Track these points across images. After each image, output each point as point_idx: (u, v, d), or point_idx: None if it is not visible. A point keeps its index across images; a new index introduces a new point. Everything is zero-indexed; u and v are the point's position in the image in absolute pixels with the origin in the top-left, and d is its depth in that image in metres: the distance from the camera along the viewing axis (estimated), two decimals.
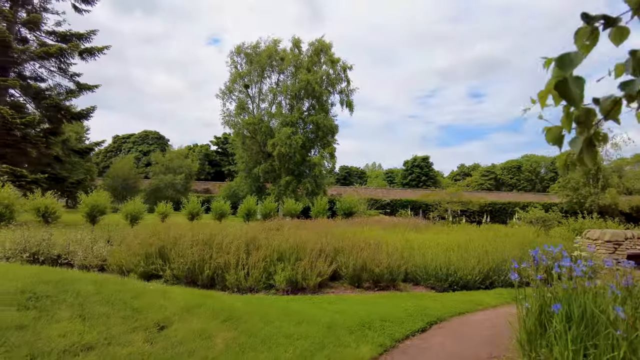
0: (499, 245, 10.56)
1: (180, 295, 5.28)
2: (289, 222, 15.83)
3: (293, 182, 27.46)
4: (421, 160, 77.28)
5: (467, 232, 14.14)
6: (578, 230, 14.00)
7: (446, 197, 25.60)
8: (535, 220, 19.95)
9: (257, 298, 6.48)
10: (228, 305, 5.06)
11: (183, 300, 5.00)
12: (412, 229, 15.96)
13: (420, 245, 10.70)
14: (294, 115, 28.12)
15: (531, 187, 73.86)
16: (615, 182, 22.93)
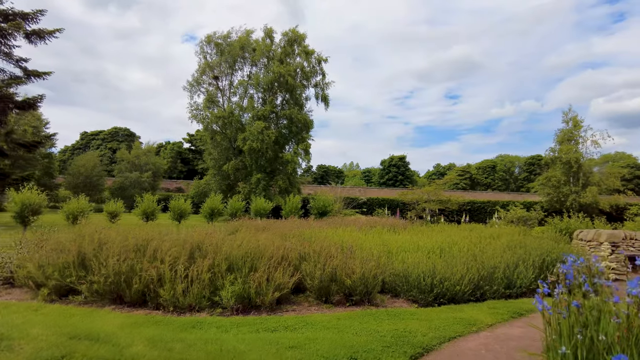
0: (487, 248, 9.42)
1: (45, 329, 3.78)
2: (256, 223, 14.37)
3: (265, 179, 25.94)
4: (398, 160, 77.14)
5: (449, 233, 13.03)
6: (564, 230, 13.10)
7: (424, 196, 24.63)
8: (516, 220, 19.16)
9: (184, 324, 5.02)
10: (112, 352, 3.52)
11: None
12: (390, 230, 14.76)
13: (399, 249, 9.47)
14: (266, 109, 26.59)
15: (505, 186, 74.61)
16: (595, 180, 22.46)
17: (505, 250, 8.65)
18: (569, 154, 22.37)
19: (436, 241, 10.70)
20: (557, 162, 23.44)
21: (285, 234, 11.14)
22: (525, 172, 73.13)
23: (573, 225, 13.07)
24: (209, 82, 29.93)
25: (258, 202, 18.17)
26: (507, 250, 8.57)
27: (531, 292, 7.27)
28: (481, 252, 8.52)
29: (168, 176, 61.41)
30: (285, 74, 26.27)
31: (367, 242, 9.88)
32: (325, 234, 11.46)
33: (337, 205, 24.44)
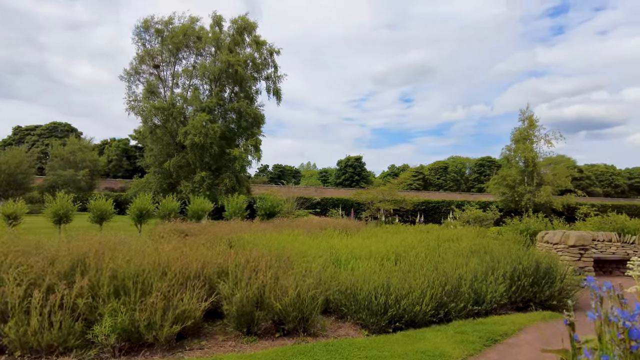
0: (447, 253, 8.27)
1: None
2: (188, 226, 12.54)
3: (210, 178, 23.91)
4: (354, 160, 76.96)
5: (404, 235, 11.91)
6: (525, 231, 12.35)
7: (379, 196, 23.65)
8: (472, 220, 18.53)
9: None
10: None
11: None
12: (341, 232, 13.46)
13: (349, 256, 8.12)
14: (212, 101, 24.55)
15: (456, 187, 76.35)
16: (549, 180, 22.44)
17: (469, 256, 7.51)
18: (525, 153, 22.23)
19: (391, 245, 9.47)
20: (513, 161, 23.30)
21: (216, 240, 9.50)
22: (475, 173, 75.14)
23: (533, 226, 12.35)
24: (150, 71, 27.41)
25: (196, 202, 16.28)
26: (472, 257, 7.43)
27: (502, 308, 6.12)
28: (442, 259, 7.33)
29: (113, 175, 57.36)
30: (235, 64, 24.37)
31: (312, 249, 8.44)
32: (267, 238, 9.92)
33: (288, 205, 22.94)
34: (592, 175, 65.47)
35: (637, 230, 11.21)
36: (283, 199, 24.53)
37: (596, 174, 68.12)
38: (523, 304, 6.34)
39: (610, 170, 71.83)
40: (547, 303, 6.27)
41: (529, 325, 5.43)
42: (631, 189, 69.35)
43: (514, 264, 6.49)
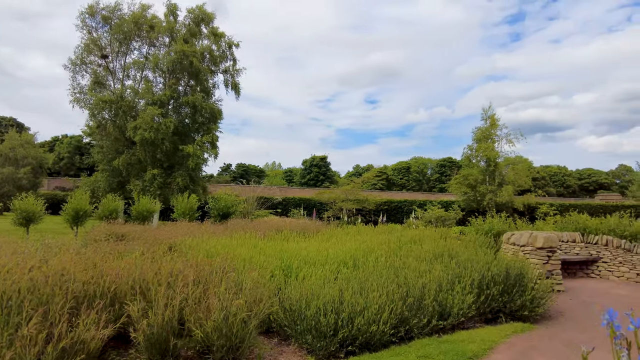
0: (409, 257, 7.56)
1: None
2: (128, 228, 11.24)
3: (161, 176, 22.33)
4: (319, 160, 76.39)
5: (365, 237, 11.18)
6: (488, 231, 11.94)
7: (341, 195, 22.96)
8: (434, 220, 18.15)
9: None
10: None
11: None
12: (299, 234, 12.58)
13: (303, 262, 7.26)
14: (166, 94, 22.96)
15: (419, 187, 77.39)
16: (510, 179, 22.52)
17: (433, 261, 6.81)
18: (487, 152, 22.20)
19: (350, 248, 8.69)
20: (475, 160, 23.25)
21: (155, 245, 8.38)
22: (437, 173, 76.43)
23: (497, 227, 11.96)
24: (98, 62, 25.38)
25: (142, 202, 14.88)
26: (436, 262, 6.74)
27: (469, 321, 5.42)
28: (403, 264, 6.59)
29: (64, 173, 53.82)
30: (190, 55, 22.89)
31: (262, 254, 7.52)
32: (212, 242, 8.88)
33: (247, 205, 21.84)
34: (546, 176, 68.11)
35: (598, 230, 11.02)
36: (240, 199, 23.39)
37: (550, 174, 70.96)
38: (492, 315, 5.68)
39: (562, 171, 75.09)
40: (518, 314, 5.64)
41: (501, 342, 4.75)
42: (581, 189, 72.73)
43: (482, 270, 5.82)
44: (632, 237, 10.87)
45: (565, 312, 6.32)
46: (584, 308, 6.64)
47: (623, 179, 72.28)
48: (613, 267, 9.42)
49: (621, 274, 9.27)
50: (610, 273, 9.45)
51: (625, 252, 9.29)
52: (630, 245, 9.24)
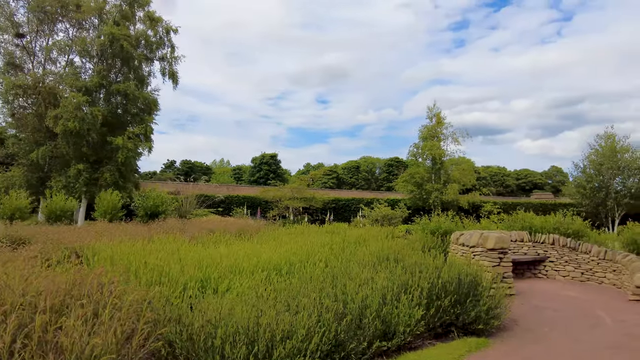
0: (352, 261, 6.70)
1: None
2: (31, 231, 9.51)
3: (88, 172, 20.09)
4: (269, 158, 74.82)
5: (308, 237, 10.25)
6: (435, 230, 11.44)
7: (288, 193, 21.93)
8: (381, 218, 17.64)
9: None
10: None
11: None
12: (237, 235, 11.42)
13: (228, 270, 6.15)
14: (93, 81, 20.68)
15: (368, 185, 78.19)
16: (456, 177, 22.61)
17: (377, 266, 5.97)
18: (433, 150, 22.13)
19: (288, 251, 7.70)
20: (422, 159, 23.15)
21: (57, 250, 6.96)
22: (385, 172, 77.61)
23: (444, 226, 11.50)
24: (14, 42, 22.47)
25: (55, 200, 12.98)
26: (380, 267, 5.90)
27: (417, 338, 4.60)
28: (344, 271, 5.69)
29: None
30: (121, 39, 20.75)
31: (177, 263, 6.33)
32: (125, 247, 7.53)
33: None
34: (487, 176, 71.23)
35: (543, 228, 10.85)
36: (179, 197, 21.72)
37: (491, 174, 74.31)
38: (443, 330, 4.91)
39: (502, 171, 78.87)
40: (472, 327, 4.91)
41: None
42: (519, 188, 76.81)
43: (432, 277, 5.04)
44: (575, 235, 10.80)
45: (520, 320, 5.72)
46: (537, 314, 6.10)
47: (555, 180, 77.04)
48: (559, 266, 9.16)
49: (567, 274, 9.02)
50: (556, 273, 9.19)
51: (571, 251, 9.06)
52: (575, 244, 9.01)
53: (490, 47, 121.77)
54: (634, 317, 6.05)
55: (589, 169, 21.83)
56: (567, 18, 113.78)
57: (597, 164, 21.28)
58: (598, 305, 6.66)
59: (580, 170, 22.33)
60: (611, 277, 8.31)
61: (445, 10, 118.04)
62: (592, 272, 8.65)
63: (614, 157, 20.64)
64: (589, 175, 21.65)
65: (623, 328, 5.49)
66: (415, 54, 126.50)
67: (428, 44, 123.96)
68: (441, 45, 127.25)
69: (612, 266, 8.30)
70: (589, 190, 21.46)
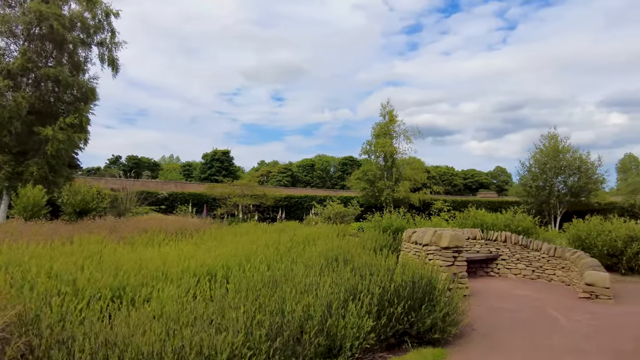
0: (298, 261, 6.03)
1: None
2: None
3: (11, 164, 17.99)
4: (222, 154, 72.53)
5: (253, 236, 9.47)
6: (387, 228, 11.04)
7: (236, 190, 20.91)
8: (334, 216, 17.15)
9: None
10: None
11: None
12: (175, 235, 10.42)
13: (150, 277, 5.28)
14: (17, 63, 18.52)
15: (322, 184, 78.14)
16: (407, 175, 22.60)
17: (325, 269, 5.34)
18: (385, 148, 21.96)
19: (226, 253, 6.89)
20: (374, 156, 22.96)
21: None
22: (339, 171, 77.86)
23: (396, 223, 11.14)
24: None
25: None
26: (328, 269, 5.27)
27: (367, 352, 3.99)
28: (287, 274, 5.00)
29: None
30: (51, 18, 18.75)
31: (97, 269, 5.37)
32: (30, 250, 6.40)
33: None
34: (436, 175, 73.42)
35: (495, 226, 10.78)
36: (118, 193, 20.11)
37: (440, 174, 76.67)
38: (396, 339, 4.35)
39: (450, 171, 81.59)
40: (428, 336, 4.39)
41: None
42: (466, 187, 79.86)
43: (384, 281, 4.48)
44: (524, 232, 10.80)
45: (477, 324, 5.31)
46: (494, 317, 5.74)
47: (499, 179, 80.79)
48: (511, 264, 9.02)
49: (518, 271, 8.89)
50: (508, 271, 9.04)
51: (522, 249, 8.94)
52: (527, 241, 8.90)
53: (441, 51, 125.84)
54: (586, 316, 5.85)
55: (534, 168, 22.65)
56: (512, 27, 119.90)
57: (541, 163, 22.11)
58: (551, 305, 6.44)
59: (526, 169, 23.16)
60: (560, 274, 8.24)
61: (399, 14, 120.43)
62: (543, 269, 8.56)
63: (556, 156, 21.54)
64: (534, 174, 22.46)
65: (579, 329, 5.23)
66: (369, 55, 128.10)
67: (382, 46, 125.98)
68: (395, 48, 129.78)
69: (562, 263, 8.23)
70: (534, 188, 22.26)
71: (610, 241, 9.19)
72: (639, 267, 9.03)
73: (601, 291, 6.69)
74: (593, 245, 9.41)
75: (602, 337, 4.95)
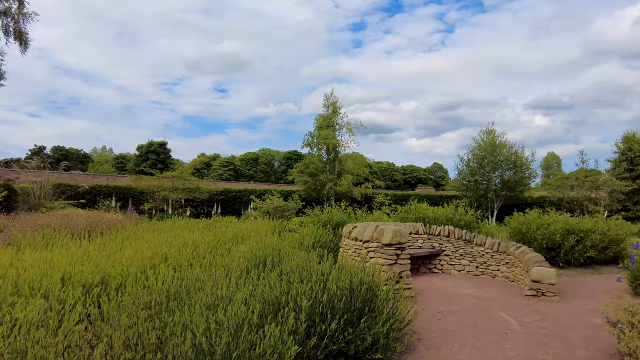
0: (217, 266, 5.01)
1: None
2: None
3: None
4: (158, 146, 68.28)
5: (175, 234, 8.23)
6: (327, 223, 10.28)
7: (166, 183, 19.16)
8: (273, 211, 16.15)
9: None
10: None
11: None
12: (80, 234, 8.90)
13: (18, 291, 3.99)
14: None
15: (267, 178, 76.59)
16: (350, 168, 22.07)
17: (246, 274, 4.37)
18: (328, 140, 21.25)
19: (131, 256, 5.69)
20: (316, 148, 22.18)
21: None
22: (284, 165, 76.72)
23: (337, 217, 10.39)
24: None
25: None
26: (252, 273, 4.30)
27: None
28: (197, 286, 3.97)
29: None
30: None
31: None
32: None
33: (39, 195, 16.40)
34: (378, 170, 74.73)
35: (437, 220, 10.38)
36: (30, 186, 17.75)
37: (381, 169, 78.18)
38: None
39: (391, 167, 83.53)
40: (368, 356, 3.58)
41: None
42: (405, 182, 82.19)
43: (316, 289, 3.59)
44: (467, 226, 10.53)
45: (423, 333, 4.62)
46: (441, 323, 5.10)
47: (436, 175, 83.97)
48: (455, 260, 8.59)
49: (462, 268, 8.48)
50: (452, 267, 8.60)
51: (466, 244, 8.53)
52: (470, 236, 8.51)
53: (384, 50, 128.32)
54: (536, 316, 5.41)
55: (472, 163, 23.10)
56: (450, 30, 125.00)
57: (479, 158, 22.58)
58: (499, 305, 5.96)
59: (465, 163, 23.58)
60: (504, 270, 7.91)
61: (344, 11, 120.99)
62: (487, 265, 8.19)
63: (494, 151, 22.09)
64: (473, 168, 22.92)
65: (532, 335, 4.73)
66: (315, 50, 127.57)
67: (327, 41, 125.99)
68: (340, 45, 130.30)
69: (506, 258, 7.90)
70: (472, 182, 22.72)
71: (549, 234, 9.07)
72: (575, 259, 8.99)
73: (547, 288, 6.34)
74: (533, 239, 9.26)
75: (555, 343, 4.46)
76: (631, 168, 21.04)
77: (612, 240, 9.13)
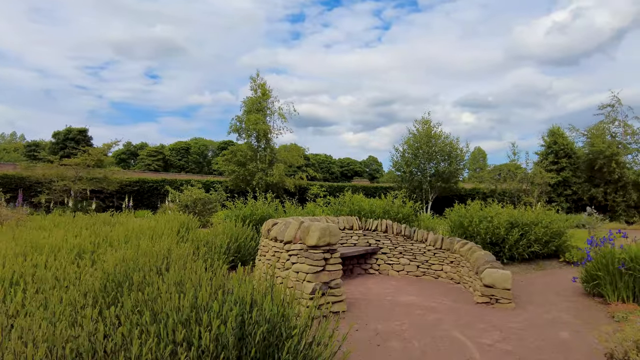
0: (73, 290, 3.30)
1: None
2: None
3: None
4: (77, 133, 61.39)
5: (58, 235, 6.24)
6: (249, 217, 8.75)
7: (68, 172, 16.37)
8: (192, 204, 14.24)
9: None
10: None
11: None
12: None
13: None
14: None
15: (199, 169, 72.72)
16: (282, 157, 20.50)
17: (109, 298, 2.74)
18: (258, 125, 19.49)
19: None
20: (245, 134, 20.31)
21: None
22: (217, 155, 73.31)
23: (260, 211, 8.88)
24: None
25: None
26: (115, 300, 2.68)
27: None
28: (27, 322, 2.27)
29: None
30: None
31: None
32: None
33: None
34: (315, 162, 74.02)
35: (373, 213, 9.27)
36: None
37: (319, 161, 77.62)
38: None
39: (328, 159, 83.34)
40: None
41: None
42: (342, 175, 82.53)
43: (192, 327, 2.10)
44: (405, 220, 9.55)
45: None
46: (380, 353, 3.83)
47: (371, 168, 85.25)
48: (393, 258, 7.49)
49: (401, 267, 7.41)
50: (390, 267, 7.50)
51: (406, 240, 7.47)
52: (410, 231, 7.45)
53: (322, 43, 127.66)
54: (495, 335, 4.33)
55: (407, 153, 22.66)
56: (386, 27, 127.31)
57: (414, 149, 22.17)
58: (450, 319, 4.86)
59: (400, 154, 23.09)
60: (448, 270, 6.93)
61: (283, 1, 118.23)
62: (429, 264, 7.18)
63: (429, 142, 21.76)
64: (407, 159, 22.47)
65: None
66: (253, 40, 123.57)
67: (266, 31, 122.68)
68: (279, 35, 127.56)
69: (450, 257, 6.92)
70: (407, 173, 22.27)
71: (493, 228, 8.31)
72: (519, 254, 8.33)
73: (502, 294, 5.37)
74: (476, 233, 8.45)
75: None
76: (556, 161, 21.77)
77: (554, 233, 8.60)
